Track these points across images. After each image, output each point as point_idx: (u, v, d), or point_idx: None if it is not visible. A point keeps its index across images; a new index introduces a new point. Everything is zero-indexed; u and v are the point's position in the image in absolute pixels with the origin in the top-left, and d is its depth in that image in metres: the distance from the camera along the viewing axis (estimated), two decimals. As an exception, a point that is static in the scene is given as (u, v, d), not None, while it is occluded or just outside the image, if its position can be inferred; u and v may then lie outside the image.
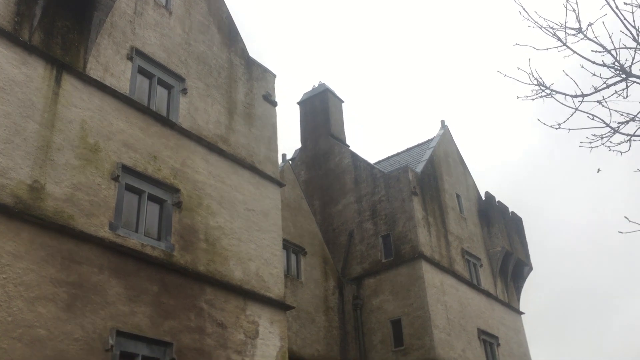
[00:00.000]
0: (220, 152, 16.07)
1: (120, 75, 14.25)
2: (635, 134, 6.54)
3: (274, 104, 18.95)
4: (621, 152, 7.21)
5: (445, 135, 29.06)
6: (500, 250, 27.70)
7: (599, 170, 7.01)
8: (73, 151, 12.41)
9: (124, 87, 14.20)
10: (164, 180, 14.10)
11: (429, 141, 29.16)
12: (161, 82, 15.48)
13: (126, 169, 13.30)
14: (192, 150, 15.29)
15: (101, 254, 12.06)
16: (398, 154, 30.53)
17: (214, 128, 16.32)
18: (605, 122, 6.28)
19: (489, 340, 24.94)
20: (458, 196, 27.56)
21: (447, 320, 22.72)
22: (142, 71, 15.05)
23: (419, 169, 25.82)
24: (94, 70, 13.61)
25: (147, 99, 14.91)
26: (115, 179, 12.96)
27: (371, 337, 22.81)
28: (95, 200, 12.40)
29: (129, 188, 13.38)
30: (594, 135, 6.84)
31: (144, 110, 14.42)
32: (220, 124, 16.60)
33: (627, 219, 6.01)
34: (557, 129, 7.40)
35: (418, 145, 29.79)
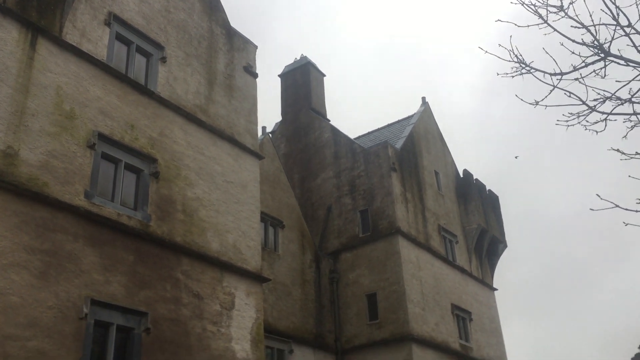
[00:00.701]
0: (199, 123, 15.91)
1: (98, 41, 13.97)
2: (612, 112, 6.60)
3: (255, 75, 18.77)
4: (597, 132, 7.28)
5: (425, 112, 29.11)
6: (476, 227, 28.03)
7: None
8: (48, 117, 12.19)
9: (101, 53, 13.93)
10: (141, 149, 13.94)
11: (409, 118, 29.20)
12: (140, 50, 15.22)
13: (102, 137, 13.12)
14: (171, 120, 15.12)
15: (76, 223, 11.94)
16: (378, 129, 30.56)
17: (193, 98, 16.14)
18: (581, 100, 6.33)
19: (462, 315, 25.37)
20: (436, 173, 27.74)
21: (421, 295, 23.03)
22: (120, 38, 14.77)
23: (398, 145, 25.88)
24: (70, 35, 13.31)
25: (124, 67, 14.65)
26: (91, 147, 12.78)
27: (347, 310, 23.05)
28: (70, 168, 12.24)
29: (105, 157, 13.21)
30: (571, 113, 6.89)
31: (122, 78, 14.18)
32: (200, 95, 16.41)
33: (599, 196, 6.09)
34: (535, 106, 7.44)
35: (398, 122, 29.83)
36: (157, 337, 12.69)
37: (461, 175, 29.59)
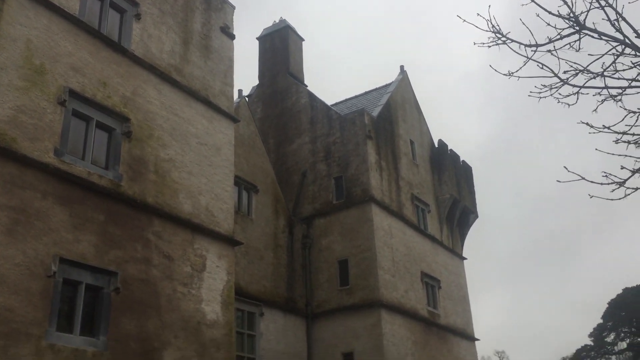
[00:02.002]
0: (174, 83, 15.67)
1: (70, -6, 13.55)
2: (584, 86, 6.64)
3: (232, 37, 18.47)
4: (569, 105, 7.35)
5: (403, 81, 29.05)
6: (448, 197, 28.34)
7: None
8: (17, 71, 11.87)
9: (73, 7, 13.54)
10: (114, 108, 13.71)
11: (386, 86, 29.12)
12: (113, 5, 14.82)
13: (73, 94, 12.84)
14: (144, 79, 14.85)
15: (45, 180, 11.76)
16: (355, 97, 30.45)
17: (168, 57, 15.85)
18: (554, 72, 6.35)
19: (431, 283, 25.81)
20: (412, 142, 27.84)
21: (392, 262, 23.32)
22: (93, -8, 14.35)
23: (375, 113, 25.85)
24: (41, -13, 12.88)
25: (97, 22, 14.28)
26: (62, 103, 12.52)
27: (318, 275, 23.27)
28: (39, 124, 11.99)
29: (76, 114, 12.96)
30: (543, 85, 6.92)
31: (94, 33, 13.84)
32: (175, 54, 16.12)
33: (566, 168, 6.17)
34: (509, 77, 7.46)
35: (376, 90, 29.74)
36: (127, 297, 12.69)
37: (436, 146, 29.76)
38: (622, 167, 5.65)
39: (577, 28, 6.72)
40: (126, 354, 12.29)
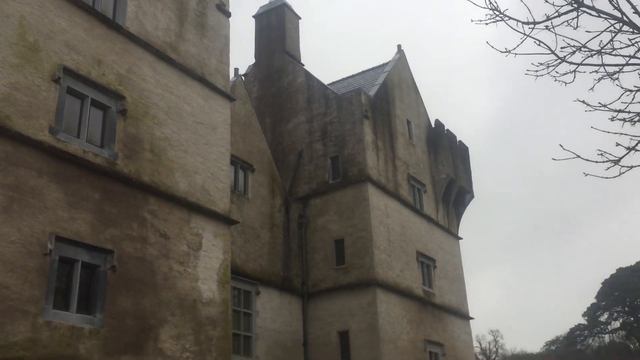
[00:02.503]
0: (169, 61, 15.55)
1: (63, -30, 13.37)
2: (582, 63, 6.61)
3: (228, 14, 18.30)
4: (565, 83, 7.31)
5: (400, 60, 28.90)
6: (445, 177, 28.37)
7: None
8: (11, 48, 11.75)
9: (67, -17, 13.35)
10: (109, 86, 13.61)
11: (384, 65, 28.97)
12: (108, -18, 14.64)
13: (68, 72, 12.74)
14: (139, 56, 14.73)
15: (40, 158, 11.71)
16: (352, 76, 30.31)
17: (163, 35, 15.71)
18: (551, 50, 6.31)
19: (426, 263, 25.95)
20: (409, 122, 27.79)
21: (388, 241, 23.42)
22: (87, -32, 14.16)
23: (372, 92, 25.75)
24: (34, -38, 12.70)
25: (92, -1, 14.11)
26: (56, 81, 12.42)
27: (314, 255, 23.36)
28: (34, 102, 11.91)
29: (71, 92, 12.86)
30: (540, 63, 6.88)
31: (89, 10, 13.68)
32: (170, 32, 15.98)
33: (562, 146, 6.17)
34: (506, 55, 7.41)
35: (373, 69, 29.60)
36: (123, 275, 12.73)
37: (433, 126, 29.71)
38: (618, 144, 5.65)
39: (575, 5, 6.66)
40: (123, 331, 12.36)
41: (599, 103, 5.93)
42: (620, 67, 6.28)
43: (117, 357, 12.07)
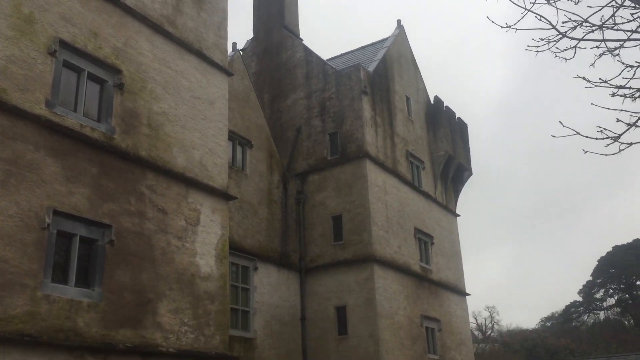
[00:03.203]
0: (166, 35, 15.39)
1: (58, -59, 13.15)
2: (583, 39, 6.54)
3: (226, -12, 18.06)
4: (566, 59, 7.25)
5: (400, 36, 28.65)
6: (443, 154, 28.34)
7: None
8: (6, 20, 11.61)
9: (62, -46, 13.14)
10: (105, 59, 13.49)
11: (383, 40, 28.73)
12: (104, -47, 14.40)
13: (64, 45, 12.61)
14: (136, 30, 14.57)
15: (37, 132, 11.66)
16: (352, 51, 30.07)
17: (160, 8, 15.53)
18: (552, 25, 6.24)
19: (424, 239, 26.04)
20: (408, 98, 27.66)
21: (386, 218, 23.47)
22: (82, -61, 13.92)
23: (371, 68, 25.58)
24: None
25: (88, -29, 13.90)
26: (52, 54, 12.30)
27: (312, 231, 23.42)
28: (30, 75, 11.81)
29: (67, 65, 12.75)
30: (541, 39, 6.81)
31: (85, -18, 13.48)
32: (167, 4, 15.78)
33: (561, 123, 6.13)
34: (506, 30, 7.33)
35: (372, 44, 29.36)
36: (121, 249, 12.76)
37: (432, 102, 29.58)
38: (618, 120, 5.61)
39: (577, -21, 6.57)
40: (121, 305, 12.43)
41: (600, 79, 5.88)
42: (622, 42, 6.21)
43: (115, 331, 12.16)
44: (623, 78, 6.00)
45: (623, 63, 6.68)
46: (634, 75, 5.97)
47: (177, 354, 13.32)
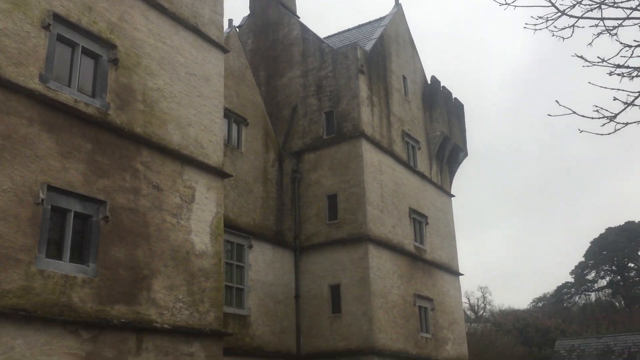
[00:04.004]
0: (162, 10, 15.22)
1: None
2: (582, 17, 6.49)
3: (222, -37, 17.83)
4: (563, 38, 7.21)
5: (397, 15, 28.43)
6: (439, 134, 28.31)
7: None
8: (-2, -7, 11.45)
9: None
10: (100, 34, 13.35)
11: (381, 19, 28.51)
12: None
13: (58, 18, 12.46)
14: (131, 4, 14.40)
15: (31, 106, 11.57)
16: (349, 30, 29.85)
17: (156, -17, 15.32)
18: (551, 2, 6.19)
19: (418, 219, 26.13)
20: (404, 78, 27.54)
21: (381, 198, 23.51)
22: None
23: (368, 47, 25.41)
24: None
25: (82, -57, 13.69)
26: (46, 27, 12.16)
27: (307, 210, 23.45)
28: (24, 48, 11.68)
29: (61, 39, 12.62)
30: (540, 17, 6.76)
31: (79, -45, 13.28)
32: (163, -21, 15.58)
33: (558, 102, 6.11)
34: (505, 8, 7.27)
35: (369, 23, 29.13)
36: (116, 225, 12.76)
37: (429, 82, 29.47)
38: (615, 99, 5.60)
39: (578, -44, 6.51)
40: (116, 281, 12.46)
41: (598, 57, 5.86)
42: (621, 20, 6.17)
43: (110, 306, 12.20)
44: (621, 56, 5.97)
45: (621, 43, 6.65)
46: (632, 54, 5.94)
47: (172, 330, 13.40)
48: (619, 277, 67.76)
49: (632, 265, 66.95)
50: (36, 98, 11.63)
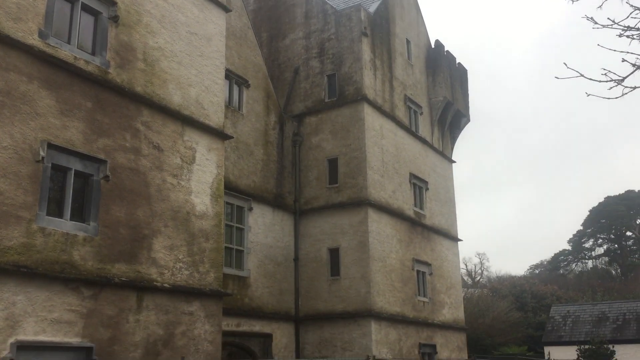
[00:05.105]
0: (163, -33, 14.91)
1: None
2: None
3: None
4: (572, 1, 7.06)
5: (403, -23, 27.88)
6: (442, 99, 28.10)
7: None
8: (-4, -55, 11.19)
9: None
10: (100, -10, 13.10)
11: (385, -19, 27.95)
12: None
13: (57, -27, 12.21)
14: (132, -40, 14.09)
15: (30, 63, 11.43)
16: (352, -9, 29.30)
17: (157, -62, 14.97)
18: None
19: (418, 185, 26.14)
20: (408, 42, 27.20)
21: (382, 162, 23.47)
22: None
23: (372, 9, 25.03)
24: None
25: None
26: (45, -18, 11.92)
27: (307, 173, 23.44)
28: (22, 3, 11.48)
29: (60, -5, 12.38)
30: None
31: None
32: None
33: (566, 65, 6.02)
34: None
35: (374, -15, 28.59)
36: (117, 185, 12.75)
37: (433, 46, 29.11)
38: (623, 60, 5.51)
39: None
40: (117, 240, 12.51)
41: (608, 19, 5.74)
42: (633, -18, 6.02)
43: (111, 265, 12.28)
44: (632, 18, 5.85)
45: (632, 6, 6.51)
46: (643, 16, 5.82)
47: (172, 289, 13.51)
48: (616, 246, 68.25)
49: (630, 233, 67.37)
50: (35, 54, 11.48)
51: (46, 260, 11.05)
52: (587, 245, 70.30)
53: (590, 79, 5.82)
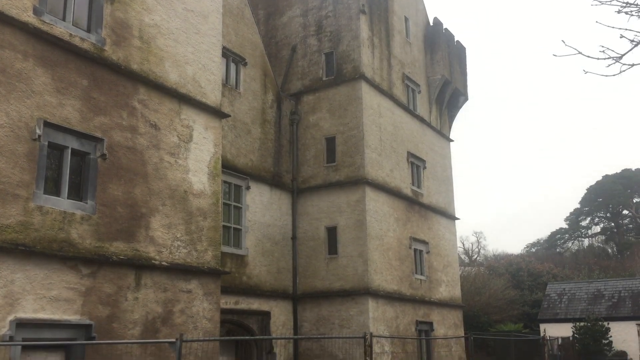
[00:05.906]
0: (158, -58, 14.71)
1: None
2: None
3: None
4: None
5: (401, -47, 27.57)
6: (440, 78, 27.98)
7: None
8: None
9: None
10: (94, -34, 12.93)
11: (384, -43, 27.65)
12: None
13: (51, -51, 12.04)
14: None
15: (25, 40, 11.33)
16: (350, -32, 28.96)
17: None
18: None
19: (416, 163, 26.14)
20: (406, 19, 26.99)
21: (379, 141, 23.44)
22: None
23: (370, -14, 24.77)
24: None
25: None
26: (39, -42, 11.76)
27: (305, 152, 23.42)
28: (16, -20, 11.33)
29: (55, -29, 12.23)
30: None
31: None
32: None
33: (564, 42, 5.98)
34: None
35: (372, -39, 28.27)
36: (114, 163, 12.72)
37: (431, 24, 28.90)
38: (622, 37, 5.47)
39: None
40: (114, 219, 12.52)
41: (608, -6, 5.69)
42: (633, -43, 5.96)
43: (109, 243, 12.31)
44: (632, -6, 5.80)
45: (631, -19, 6.44)
46: (642, -7, 5.77)
47: (170, 267, 13.57)
48: (612, 224, 68.53)
49: (627, 212, 67.62)
50: (30, 31, 11.37)
51: (44, 238, 11.07)
52: (583, 223, 70.59)
53: (589, 57, 5.79)
